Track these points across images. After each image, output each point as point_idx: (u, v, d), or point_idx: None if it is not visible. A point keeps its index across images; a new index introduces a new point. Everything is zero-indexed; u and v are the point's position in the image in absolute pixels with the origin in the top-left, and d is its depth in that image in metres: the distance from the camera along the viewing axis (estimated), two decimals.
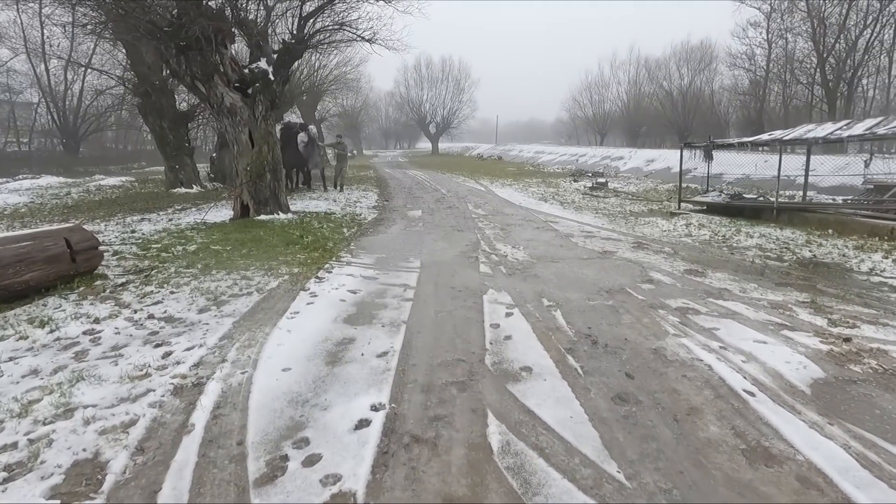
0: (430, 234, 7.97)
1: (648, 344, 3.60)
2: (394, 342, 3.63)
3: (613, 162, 25.77)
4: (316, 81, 27.61)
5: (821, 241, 7.26)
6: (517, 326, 3.96)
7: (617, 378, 3.08)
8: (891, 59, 24.72)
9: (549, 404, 2.76)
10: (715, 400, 2.80)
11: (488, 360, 3.35)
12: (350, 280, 5.24)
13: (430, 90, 55.39)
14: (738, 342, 3.60)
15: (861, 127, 8.29)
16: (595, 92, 49.46)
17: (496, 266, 5.90)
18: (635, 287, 5.05)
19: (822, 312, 4.26)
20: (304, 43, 9.15)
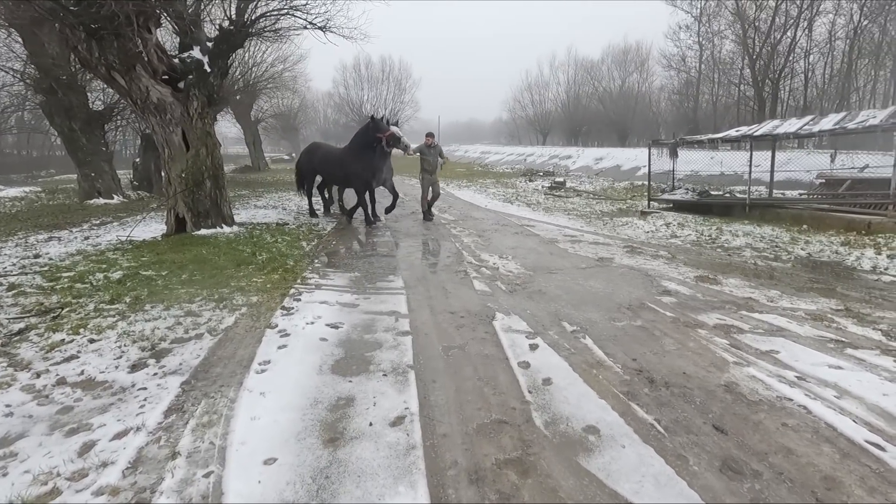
0: (404, 245, 7.11)
1: (714, 379, 2.99)
2: (407, 400, 2.78)
3: (562, 161, 25.93)
4: (250, 80, 25.67)
5: (805, 237, 7.13)
6: (551, 364, 3.23)
7: (708, 435, 2.42)
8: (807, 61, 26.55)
9: (648, 489, 2.04)
10: (844, 461, 2.20)
11: (537, 418, 2.58)
12: (326, 310, 4.30)
13: (370, 90, 53.96)
14: (812, 369, 3.07)
15: (829, 122, 8.35)
16: (536, 92, 50.22)
17: (492, 281, 5.16)
18: (655, 301, 4.48)
19: (866, 322, 3.87)
20: (246, 29, 7.96)
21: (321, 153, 9.61)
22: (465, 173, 23.72)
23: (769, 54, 25.78)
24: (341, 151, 9.14)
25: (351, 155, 8.71)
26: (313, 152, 9.81)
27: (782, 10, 24.77)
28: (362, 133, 8.73)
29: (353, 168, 8.60)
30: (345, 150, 9.07)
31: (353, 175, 8.67)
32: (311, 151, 9.94)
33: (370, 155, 8.50)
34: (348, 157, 8.71)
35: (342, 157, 8.89)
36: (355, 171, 8.59)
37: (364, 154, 8.52)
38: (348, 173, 8.78)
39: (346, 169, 8.72)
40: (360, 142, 8.61)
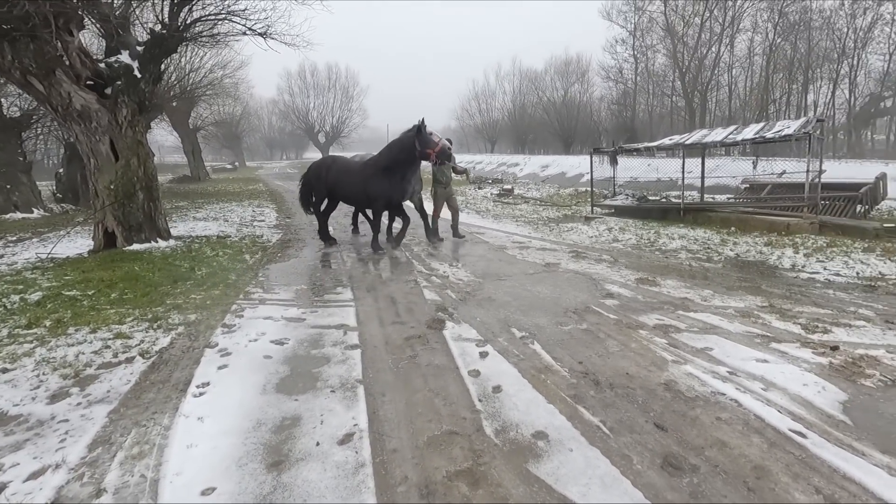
0: (350, 255, 6.99)
1: (655, 378, 3.12)
2: (356, 416, 2.71)
3: (510, 168, 26.49)
4: (188, 86, 24.54)
5: (733, 239, 7.62)
6: (501, 371, 3.25)
7: (650, 434, 2.51)
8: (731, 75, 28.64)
9: (595, 491, 2.09)
10: (772, 450, 2.34)
11: (488, 427, 2.59)
12: (271, 325, 4.14)
13: (316, 98, 53.13)
14: (741, 364, 3.26)
15: (749, 131, 9.00)
16: (483, 101, 51.13)
17: (442, 290, 5.16)
18: (599, 304, 4.64)
19: (787, 317, 4.17)
20: (180, 34, 7.59)
21: (337, 169, 7.65)
22: None
23: (697, 68, 27.60)
24: (364, 167, 7.34)
25: (380, 172, 7.00)
26: (328, 168, 7.77)
27: (707, 27, 26.61)
28: (400, 146, 6.93)
29: (375, 187, 7.00)
30: (370, 165, 7.26)
31: (375, 195, 7.06)
32: (324, 166, 7.90)
33: (404, 172, 6.95)
34: (374, 175, 7.03)
35: (366, 174, 7.15)
36: (378, 191, 7.01)
37: (397, 171, 6.91)
38: (372, 193, 7.07)
39: (371, 188, 7.03)
40: (394, 157, 6.93)
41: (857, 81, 26.57)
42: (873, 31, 25.07)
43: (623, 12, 30.36)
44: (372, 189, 7.07)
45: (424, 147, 6.70)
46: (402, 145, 6.91)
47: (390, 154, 7.03)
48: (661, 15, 28.28)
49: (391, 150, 7.06)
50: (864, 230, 7.65)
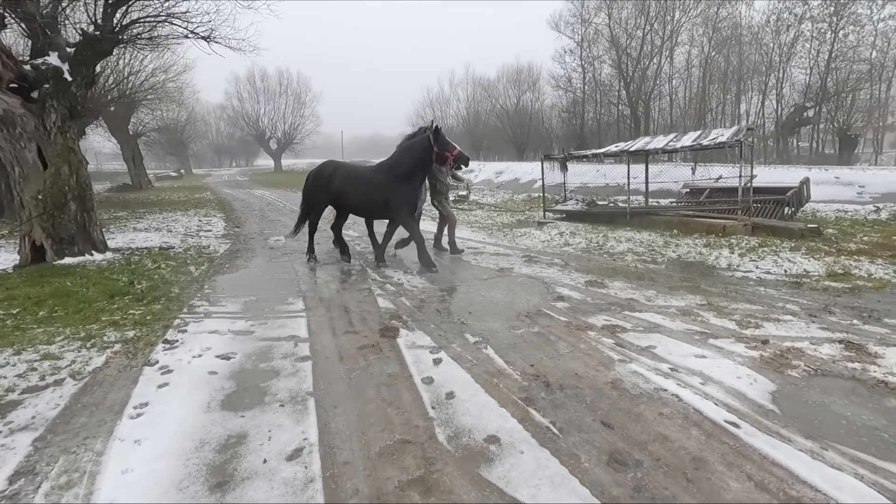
0: (303, 265, 6.83)
1: (602, 377, 3.22)
2: (306, 430, 2.64)
3: (465, 175, 26.72)
4: (127, 90, 23.32)
5: (675, 241, 8.01)
6: (455, 377, 3.27)
7: (597, 432, 2.59)
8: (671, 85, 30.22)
9: (545, 491, 2.13)
10: (709, 442, 2.47)
11: (440, 434, 2.59)
12: (217, 340, 3.97)
13: (267, 104, 51.86)
14: (682, 360, 3.42)
15: (688, 139, 9.52)
16: (437, 108, 51.41)
17: (396, 298, 5.13)
18: (550, 307, 4.75)
19: (723, 314, 4.42)
20: (115, 35, 7.21)
21: (343, 175, 6.84)
22: None
23: (640, 78, 28.95)
24: (375, 172, 6.68)
25: (394, 177, 6.42)
26: (330, 175, 6.87)
27: (648, 40, 27.99)
28: (413, 148, 6.40)
29: (397, 194, 6.38)
30: (385, 171, 6.58)
31: (398, 203, 6.41)
32: (325, 173, 6.96)
33: (421, 178, 6.54)
34: (390, 180, 6.43)
35: (378, 179, 6.53)
36: (401, 198, 6.39)
37: (415, 176, 6.43)
38: (390, 200, 6.41)
39: (388, 195, 6.41)
40: (409, 159, 6.39)
41: (784, 93, 28.69)
42: (795, 46, 27.16)
43: (570, 24, 31.49)
44: (395, 198, 6.38)
45: (443, 149, 6.23)
46: (421, 147, 6.30)
47: (411, 157, 6.36)
48: (606, 27, 29.53)
49: (411, 153, 6.38)
50: (791, 231, 8.22)
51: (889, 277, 5.54)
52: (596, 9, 29.89)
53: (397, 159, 6.52)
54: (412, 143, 6.46)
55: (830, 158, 23.89)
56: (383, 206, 6.51)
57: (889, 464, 2.26)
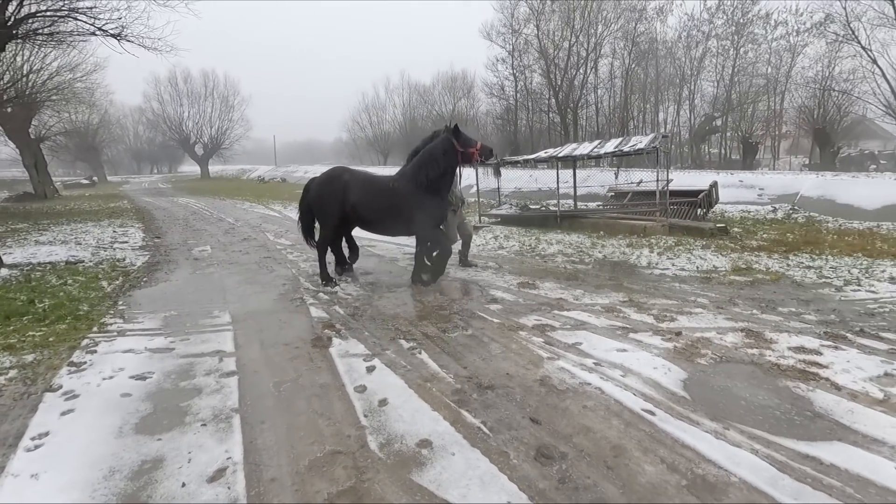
0: (232, 276, 6.52)
1: (532, 375, 3.33)
2: (230, 449, 2.52)
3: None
4: (26, 89, 21.16)
5: (602, 242, 8.45)
6: (388, 383, 3.25)
7: (526, 428, 2.67)
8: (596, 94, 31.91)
9: (475, 491, 2.17)
10: (628, 430, 2.62)
11: (372, 442, 2.57)
12: (131, 359, 3.70)
13: (191, 107, 49.04)
14: (605, 355, 3.61)
15: (611, 145, 10.09)
16: (373, 114, 51.00)
17: (330, 306, 5.03)
18: (484, 309, 4.85)
19: (643, 309, 4.72)
20: (9, 30, 6.54)
21: (361, 184, 5.86)
22: None
23: (568, 87, 30.31)
24: (398, 182, 5.77)
25: (418, 186, 5.61)
26: (346, 184, 5.85)
27: (574, 51, 29.38)
28: (435, 152, 5.64)
29: (424, 206, 5.60)
30: (403, 179, 5.75)
31: (424, 217, 5.64)
32: (338, 182, 5.90)
33: (448, 185, 5.83)
34: (415, 191, 5.61)
35: (403, 189, 5.67)
36: (428, 211, 5.65)
37: (443, 184, 5.71)
38: (416, 214, 5.60)
39: (414, 207, 5.59)
40: (434, 165, 5.60)
41: (696, 103, 31.14)
42: (704, 61, 29.59)
43: (501, 33, 32.34)
44: (421, 211, 5.60)
45: (467, 147, 5.64)
46: (444, 149, 5.61)
47: (436, 162, 5.59)
48: (535, 38, 30.66)
49: (435, 158, 5.61)
50: (703, 230, 8.93)
51: (783, 270, 6.16)
52: (525, 20, 30.98)
53: (420, 166, 5.65)
54: (433, 147, 5.69)
55: (736, 163, 26.21)
56: (408, 220, 5.66)
57: (779, 438, 2.51)
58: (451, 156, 5.64)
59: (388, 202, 5.74)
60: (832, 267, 6.27)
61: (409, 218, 5.65)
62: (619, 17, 29.39)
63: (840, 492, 2.10)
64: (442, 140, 5.71)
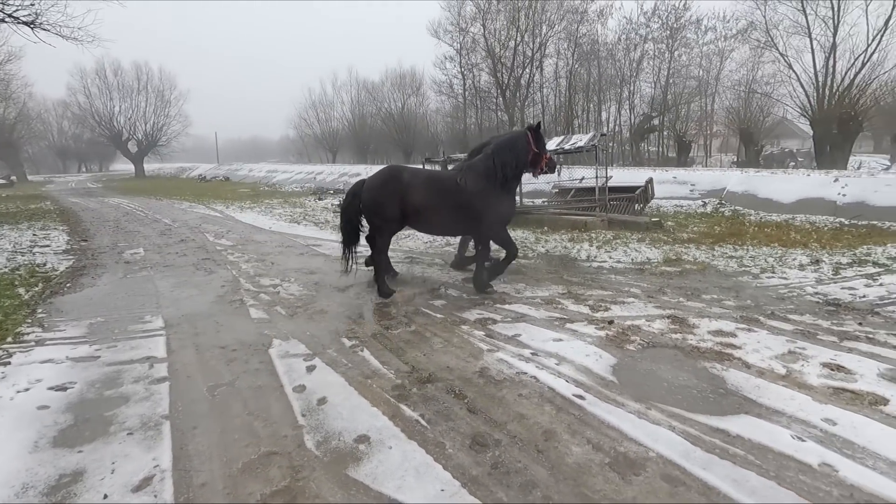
0: (166, 279, 6.23)
1: (471, 367, 3.41)
2: (157, 456, 2.43)
3: (352, 178, 26.26)
4: None
5: (545, 237, 8.71)
6: (328, 382, 3.24)
7: (463, 418, 2.74)
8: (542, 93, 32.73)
9: (410, 482, 2.21)
10: (559, 415, 2.75)
11: (309, 441, 2.55)
12: (50, 370, 3.47)
13: (123, 101, 45.95)
14: (542, 345, 3.76)
15: (552, 143, 10.40)
16: (321, 110, 49.88)
17: (271, 307, 4.91)
18: (429, 305, 4.90)
19: (580, 301, 4.93)
20: None
21: (425, 184, 5.29)
22: (250, 194, 22.12)
23: (515, 86, 30.92)
24: (465, 177, 5.26)
25: (491, 182, 5.22)
26: (408, 184, 5.21)
27: (520, 51, 30.00)
28: (515, 146, 5.30)
29: (496, 205, 5.29)
30: (472, 174, 5.27)
31: (495, 217, 5.33)
32: (398, 183, 5.23)
33: (517, 184, 5.62)
34: (487, 188, 5.21)
35: (473, 186, 5.19)
36: (500, 211, 5.37)
37: (515, 181, 5.48)
38: (487, 213, 5.23)
39: (485, 206, 5.21)
40: (511, 160, 5.25)
41: (635, 103, 32.59)
42: (642, 63, 31.01)
43: (449, 31, 32.52)
44: (492, 210, 5.26)
45: (541, 150, 5.36)
46: (522, 146, 5.30)
47: (514, 158, 5.27)
48: (482, 37, 31.05)
49: (514, 152, 5.28)
50: (639, 224, 9.39)
51: (709, 260, 6.60)
52: (472, 18, 31.30)
53: (495, 159, 5.23)
54: (512, 139, 5.36)
55: (673, 161, 27.69)
56: (478, 220, 5.27)
57: (694, 414, 2.72)
58: (525, 155, 5.33)
59: (456, 201, 5.21)
60: (752, 256, 6.78)
61: (480, 217, 5.26)
62: (563, 19, 30.26)
63: (743, 459, 2.30)
64: (519, 134, 5.44)
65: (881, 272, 5.71)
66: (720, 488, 2.11)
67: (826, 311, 4.45)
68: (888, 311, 4.39)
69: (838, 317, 4.27)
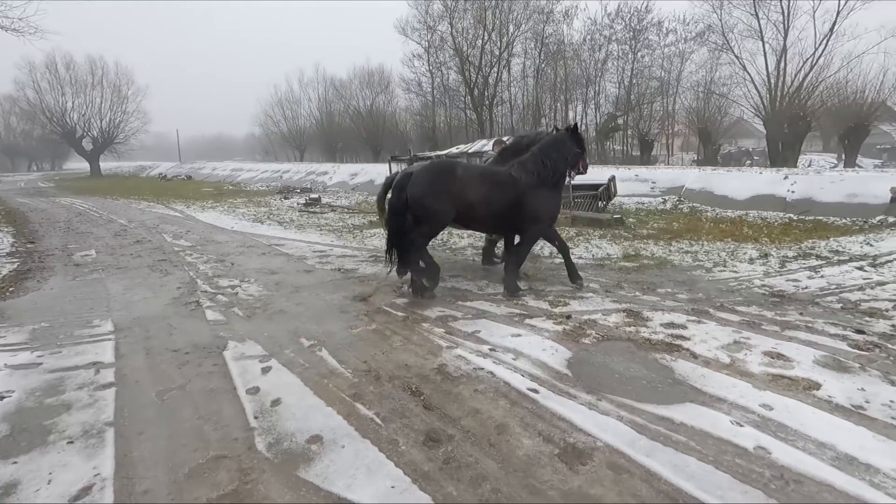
0: (119, 282, 6.00)
1: (429, 364, 3.43)
2: (98, 465, 2.35)
3: (319, 177, 25.92)
4: None
5: None
6: (283, 383, 3.19)
7: (418, 415, 2.75)
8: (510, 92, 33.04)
9: (360, 480, 2.20)
10: (513, 409, 2.79)
11: (260, 443, 2.51)
12: None
13: (77, 96, 43.94)
14: (500, 340, 3.80)
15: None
16: (287, 108, 48.92)
17: (228, 308, 4.80)
18: (391, 304, 4.89)
19: (541, 296, 5.01)
20: None
21: (479, 178, 5.15)
22: (214, 193, 21.53)
23: (483, 84, 31.12)
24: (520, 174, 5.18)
25: (543, 180, 5.19)
26: (462, 179, 5.03)
27: (488, 50, 30.21)
28: (561, 145, 5.31)
29: (547, 202, 5.30)
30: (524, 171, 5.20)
31: (546, 215, 5.32)
32: (451, 177, 5.03)
33: (563, 183, 5.56)
34: (540, 185, 5.18)
35: (528, 183, 5.13)
36: (550, 209, 5.38)
37: (562, 180, 5.48)
38: (540, 211, 5.23)
39: (539, 203, 5.20)
40: (560, 158, 5.26)
41: (600, 102, 33.29)
42: (607, 63, 31.70)
43: (417, 29, 32.48)
44: (544, 207, 5.26)
45: (582, 151, 5.46)
46: (567, 147, 5.33)
47: (563, 156, 5.29)
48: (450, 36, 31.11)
49: (562, 151, 5.29)
50: (601, 221, 9.62)
51: (665, 255, 6.82)
52: (439, 17, 31.33)
53: (545, 157, 5.22)
54: (559, 139, 5.36)
55: (636, 159, 28.43)
56: (532, 217, 5.22)
57: (643, 404, 2.80)
58: (571, 154, 5.36)
59: (512, 197, 5.13)
60: (706, 251, 7.04)
61: (535, 214, 5.21)
62: (529, 19, 30.63)
63: (685, 445, 2.39)
64: (561, 135, 5.44)
65: (823, 265, 6.03)
66: (661, 474, 2.18)
67: (771, 302, 4.67)
68: (827, 301, 4.64)
69: (782, 307, 4.49)
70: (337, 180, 24.15)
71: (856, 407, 2.72)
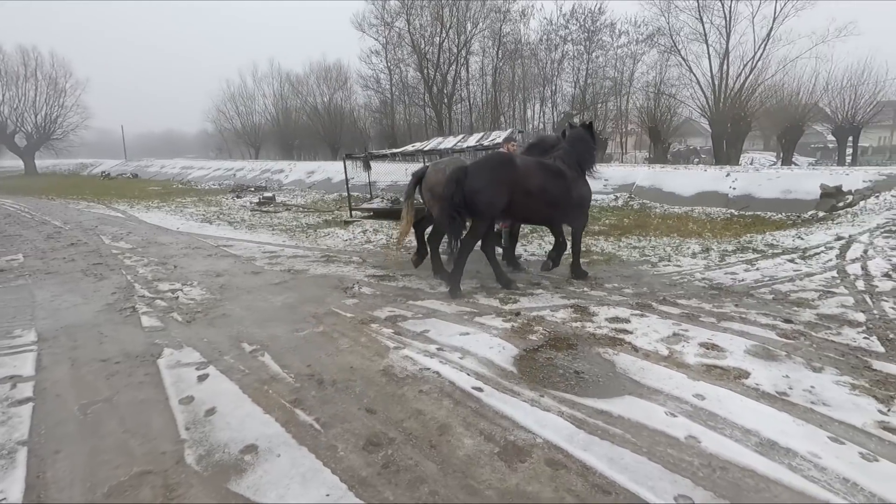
0: (46, 288, 5.60)
1: (375, 366, 3.37)
2: (5, 488, 2.17)
3: (275, 175, 25.20)
4: None
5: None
6: (220, 391, 3.05)
7: (360, 419, 2.69)
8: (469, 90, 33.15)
9: (294, 490, 2.13)
10: (456, 408, 2.78)
11: (190, 456, 2.39)
12: None
13: (7, 89, 40.86)
14: (449, 339, 3.78)
15: (473, 140, 10.54)
16: (241, 104, 47.17)
17: (167, 314, 4.57)
18: (340, 305, 4.79)
19: (491, 294, 5.03)
20: None
21: (535, 170, 5.18)
22: (161, 192, 20.57)
23: (442, 82, 31.09)
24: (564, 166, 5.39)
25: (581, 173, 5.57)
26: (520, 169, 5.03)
27: (446, 47, 30.19)
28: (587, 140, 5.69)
29: (586, 194, 5.67)
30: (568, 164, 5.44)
31: (586, 206, 5.77)
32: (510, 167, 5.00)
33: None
34: (582, 178, 5.58)
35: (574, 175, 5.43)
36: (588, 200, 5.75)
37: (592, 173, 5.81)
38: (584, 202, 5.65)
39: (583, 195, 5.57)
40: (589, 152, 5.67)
41: (557, 101, 33.91)
42: (563, 63, 32.30)
43: (374, 25, 32.02)
44: (585, 199, 5.64)
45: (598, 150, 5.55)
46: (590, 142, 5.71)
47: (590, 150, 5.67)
48: (407, 33, 30.86)
49: (589, 146, 5.66)
50: None
51: (615, 251, 7.00)
52: (396, 13, 31.01)
53: (581, 151, 5.56)
54: (583, 135, 5.69)
55: None
56: (577, 208, 5.54)
57: (583, 398, 2.85)
58: (594, 149, 5.76)
59: (565, 188, 5.31)
60: (653, 246, 7.28)
61: (579, 205, 5.54)
62: (486, 17, 30.78)
63: (621, 438, 2.44)
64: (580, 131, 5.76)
65: (758, 258, 6.35)
66: (597, 467, 2.22)
67: (710, 294, 4.87)
68: (760, 293, 4.88)
69: (719, 300, 4.68)
70: (293, 178, 23.57)
71: (780, 393, 2.86)
